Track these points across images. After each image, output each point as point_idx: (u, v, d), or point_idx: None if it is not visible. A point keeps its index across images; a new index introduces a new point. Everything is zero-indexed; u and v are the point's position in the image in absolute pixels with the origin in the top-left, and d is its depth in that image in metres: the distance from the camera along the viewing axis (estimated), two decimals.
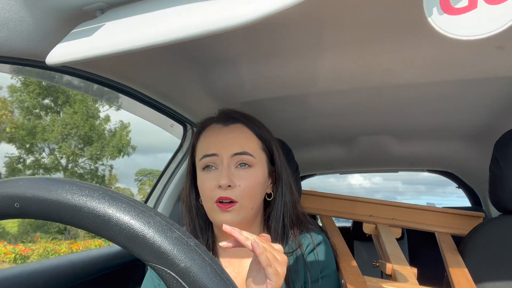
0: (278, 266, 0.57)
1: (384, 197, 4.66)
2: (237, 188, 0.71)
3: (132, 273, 1.15)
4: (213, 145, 0.75)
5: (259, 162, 0.76)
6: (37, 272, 0.86)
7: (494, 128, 1.24)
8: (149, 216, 0.29)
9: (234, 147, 0.74)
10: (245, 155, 0.74)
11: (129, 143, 18.33)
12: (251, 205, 0.73)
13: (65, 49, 0.58)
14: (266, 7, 0.44)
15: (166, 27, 0.51)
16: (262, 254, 0.55)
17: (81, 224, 0.29)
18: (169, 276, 0.27)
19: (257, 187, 0.74)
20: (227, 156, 0.73)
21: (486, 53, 0.84)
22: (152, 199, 1.26)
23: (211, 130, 0.78)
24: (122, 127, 18.28)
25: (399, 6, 0.67)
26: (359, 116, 1.29)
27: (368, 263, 1.05)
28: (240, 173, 0.73)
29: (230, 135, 0.76)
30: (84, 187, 0.29)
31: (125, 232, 0.28)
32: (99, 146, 17.42)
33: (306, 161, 1.80)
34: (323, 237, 0.79)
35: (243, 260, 0.77)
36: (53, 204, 0.29)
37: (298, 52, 0.87)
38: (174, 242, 0.28)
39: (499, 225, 0.98)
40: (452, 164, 1.86)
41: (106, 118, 18.06)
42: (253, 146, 0.76)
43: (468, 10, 0.39)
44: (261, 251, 0.55)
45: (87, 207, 0.28)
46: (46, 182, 0.30)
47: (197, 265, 0.28)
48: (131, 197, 0.30)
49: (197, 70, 0.98)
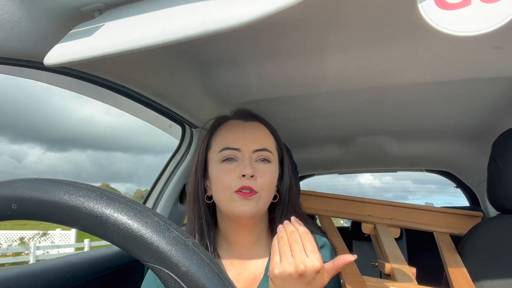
0: (289, 266, 0.54)
1: (394, 196, 4.67)
2: (258, 180, 0.72)
3: (132, 274, 1.14)
4: (236, 139, 0.76)
5: (275, 160, 0.78)
6: (37, 273, 0.85)
7: (492, 128, 1.24)
8: (147, 216, 0.29)
9: (256, 143, 0.75)
10: (266, 151, 0.75)
11: None
12: (268, 199, 0.74)
13: (63, 50, 0.58)
14: (264, 8, 0.44)
15: (164, 28, 0.51)
16: (284, 241, 0.55)
17: (79, 225, 0.29)
18: (168, 276, 0.27)
19: (274, 182, 0.76)
20: (249, 152, 0.74)
21: (483, 53, 0.84)
22: (150, 200, 1.26)
23: (230, 125, 0.80)
24: None
25: (398, 7, 0.67)
26: (358, 117, 1.30)
27: (367, 263, 1.05)
28: (260, 167, 0.74)
29: (251, 131, 0.77)
30: (81, 188, 0.29)
31: (122, 233, 0.28)
32: None
33: (305, 161, 1.80)
34: (325, 240, 0.79)
35: (246, 262, 0.77)
36: (50, 204, 0.29)
37: (296, 53, 0.88)
38: (172, 242, 0.28)
39: (497, 224, 0.98)
40: (451, 164, 1.86)
41: None
42: (272, 144, 0.78)
43: (462, 6, 0.39)
44: (282, 236, 0.56)
45: (85, 207, 0.28)
46: (43, 183, 0.30)
47: (195, 265, 0.28)
48: (128, 198, 0.30)
49: (195, 71, 0.98)
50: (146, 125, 1.23)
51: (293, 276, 0.55)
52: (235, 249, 0.78)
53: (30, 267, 0.87)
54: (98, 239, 2.50)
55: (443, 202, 2.36)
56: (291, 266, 0.55)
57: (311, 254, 0.55)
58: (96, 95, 0.95)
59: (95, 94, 0.94)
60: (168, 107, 1.09)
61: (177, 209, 1.29)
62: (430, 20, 0.40)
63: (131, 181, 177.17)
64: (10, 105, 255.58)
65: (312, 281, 0.55)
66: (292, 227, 0.59)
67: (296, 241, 0.56)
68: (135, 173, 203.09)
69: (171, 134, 1.30)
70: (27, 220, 0.30)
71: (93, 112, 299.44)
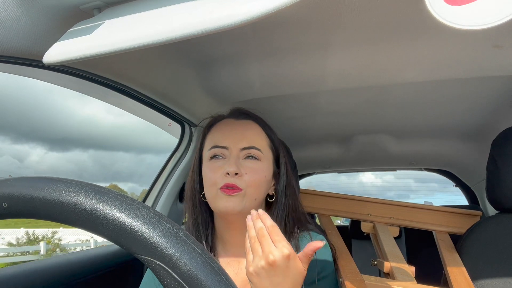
0: (263, 264, 0.55)
1: (396, 195, 4.66)
2: (243, 177, 0.72)
3: (131, 273, 1.14)
4: (224, 137, 0.77)
5: (266, 158, 0.77)
6: (36, 271, 0.85)
7: (492, 127, 1.25)
8: (136, 209, 0.29)
9: (244, 142, 0.75)
10: (253, 149, 0.75)
11: None
12: (255, 196, 0.74)
13: (63, 48, 0.58)
14: (265, 6, 0.44)
15: (164, 26, 0.51)
16: (255, 241, 0.56)
17: (69, 220, 0.29)
18: (159, 267, 0.27)
19: (262, 180, 0.75)
20: (236, 150, 0.75)
21: (483, 52, 0.84)
22: (150, 198, 1.26)
23: (222, 124, 0.80)
24: None
25: (400, 6, 0.67)
26: (357, 115, 1.30)
27: (366, 261, 1.05)
28: (247, 164, 0.74)
29: (240, 129, 0.78)
30: (70, 184, 0.30)
31: (113, 226, 0.28)
32: None
33: (304, 159, 1.80)
34: (322, 238, 0.79)
35: (242, 261, 0.77)
36: (40, 201, 0.29)
37: (297, 51, 0.87)
38: (163, 233, 0.28)
39: (496, 223, 0.98)
40: (450, 163, 1.87)
41: None
42: (262, 142, 0.78)
43: (469, 1, 0.40)
44: (253, 236, 0.57)
45: (74, 203, 0.28)
46: (33, 181, 0.30)
47: (186, 255, 0.28)
48: (118, 192, 0.30)
49: (195, 69, 0.98)
50: (151, 123, 1.24)
51: (265, 268, 0.55)
52: (231, 248, 0.78)
53: (29, 266, 0.87)
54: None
55: (445, 200, 2.36)
56: (262, 259, 0.56)
57: (278, 243, 0.56)
58: (95, 93, 0.94)
59: (94, 93, 0.94)
60: (168, 106, 1.09)
61: (176, 207, 1.29)
62: (436, 14, 0.40)
63: (140, 182, 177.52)
64: (11, 105, 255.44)
65: (286, 270, 0.56)
66: (259, 223, 0.59)
67: (264, 236, 0.57)
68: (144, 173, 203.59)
69: (170, 132, 1.30)
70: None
71: (95, 111, 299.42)
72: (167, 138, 1.35)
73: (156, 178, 1.28)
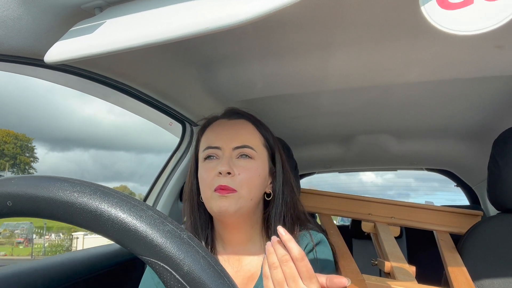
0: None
1: (397, 194, 4.65)
2: (236, 177, 0.72)
3: (131, 272, 1.15)
4: (217, 138, 0.77)
5: (260, 157, 0.77)
6: (36, 270, 0.85)
7: (493, 127, 1.24)
8: (141, 210, 0.29)
9: (236, 141, 0.75)
10: (246, 148, 0.75)
11: None
12: (250, 196, 0.73)
13: (64, 47, 0.58)
14: (267, 5, 0.44)
15: (165, 26, 0.51)
16: (275, 268, 0.49)
17: (74, 220, 0.29)
18: (163, 269, 0.27)
19: (256, 179, 0.75)
20: (229, 149, 0.75)
21: (485, 52, 0.84)
22: (151, 197, 1.26)
23: (215, 124, 0.81)
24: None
25: (401, 6, 0.67)
26: (359, 115, 1.30)
27: (367, 261, 1.05)
28: (240, 163, 0.74)
29: (233, 129, 0.78)
30: (75, 184, 0.30)
31: (117, 227, 0.28)
32: None
33: (305, 159, 1.80)
34: (322, 236, 0.79)
35: (241, 259, 0.77)
36: (45, 201, 0.29)
37: (299, 51, 0.87)
38: (167, 235, 0.28)
39: (497, 223, 0.98)
40: (451, 163, 1.86)
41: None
42: (255, 141, 0.78)
43: (464, 6, 0.39)
44: (273, 262, 0.50)
45: (79, 203, 0.28)
46: (38, 180, 0.30)
47: (190, 257, 0.28)
48: (122, 192, 0.30)
49: (197, 68, 0.98)
50: (152, 123, 1.24)
51: None
52: (230, 247, 0.78)
53: (30, 264, 0.87)
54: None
55: (446, 199, 2.36)
56: None
57: (308, 281, 0.50)
58: (97, 92, 0.95)
59: (96, 92, 0.94)
60: (169, 105, 1.09)
61: (177, 207, 1.29)
62: (432, 20, 0.40)
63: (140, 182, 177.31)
64: (12, 105, 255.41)
65: None
66: (281, 250, 0.52)
67: (289, 268, 0.51)
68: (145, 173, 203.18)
69: (171, 132, 1.30)
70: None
71: (97, 111, 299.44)
72: (168, 137, 1.34)
73: (157, 177, 1.28)
